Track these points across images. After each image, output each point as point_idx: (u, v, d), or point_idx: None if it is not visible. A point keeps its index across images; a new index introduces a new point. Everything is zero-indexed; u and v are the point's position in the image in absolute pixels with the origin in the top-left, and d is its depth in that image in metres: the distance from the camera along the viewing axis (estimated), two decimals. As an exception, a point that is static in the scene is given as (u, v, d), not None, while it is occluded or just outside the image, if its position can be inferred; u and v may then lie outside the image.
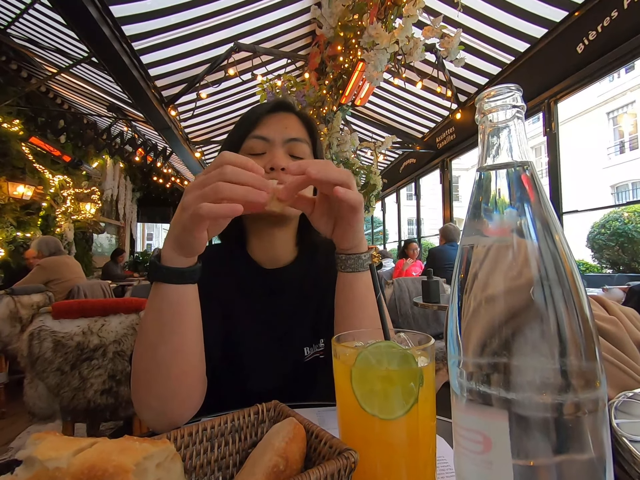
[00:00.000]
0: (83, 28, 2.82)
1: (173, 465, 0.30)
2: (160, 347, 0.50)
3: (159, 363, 0.50)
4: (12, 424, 2.50)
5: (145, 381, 0.52)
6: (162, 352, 0.50)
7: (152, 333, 0.51)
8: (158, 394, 0.51)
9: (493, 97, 0.29)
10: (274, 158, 0.67)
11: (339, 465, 0.30)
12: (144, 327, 0.52)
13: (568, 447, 0.25)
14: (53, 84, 5.22)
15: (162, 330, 0.50)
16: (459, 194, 20.32)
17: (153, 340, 0.51)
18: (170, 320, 0.50)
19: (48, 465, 0.25)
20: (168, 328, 0.50)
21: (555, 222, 0.27)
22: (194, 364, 0.53)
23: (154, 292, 0.51)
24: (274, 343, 0.71)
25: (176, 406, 0.52)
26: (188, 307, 0.51)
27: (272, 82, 2.98)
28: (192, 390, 0.54)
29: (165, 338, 0.50)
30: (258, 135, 0.69)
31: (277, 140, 0.69)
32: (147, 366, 0.51)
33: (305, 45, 4.58)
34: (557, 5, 3.07)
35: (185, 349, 0.52)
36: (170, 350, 0.50)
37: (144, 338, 0.52)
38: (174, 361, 0.51)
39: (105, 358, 1.37)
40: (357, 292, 0.58)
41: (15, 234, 4.80)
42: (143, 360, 0.52)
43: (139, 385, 0.53)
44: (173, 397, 0.52)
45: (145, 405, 0.53)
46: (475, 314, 0.28)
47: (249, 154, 0.69)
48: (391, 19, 2.15)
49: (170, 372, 0.51)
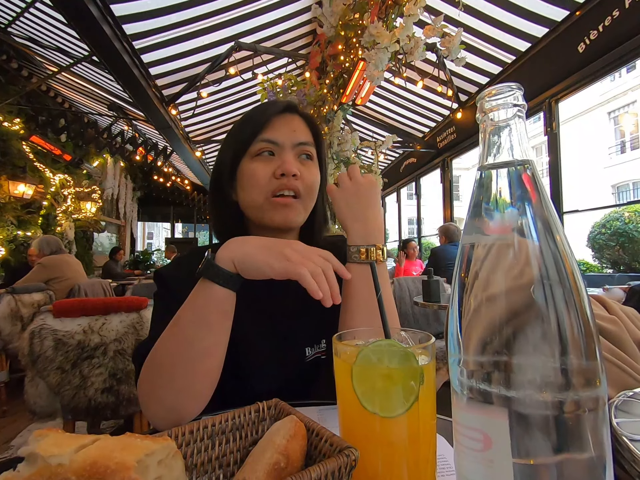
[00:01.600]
0: (84, 27, 2.82)
1: (174, 462, 0.30)
2: (196, 343, 0.51)
3: (189, 359, 0.51)
4: (13, 423, 2.51)
5: (168, 375, 0.52)
6: (196, 348, 0.51)
7: (191, 329, 0.51)
8: (178, 389, 0.51)
9: (494, 96, 0.29)
10: (285, 164, 0.66)
11: (339, 462, 0.30)
12: (182, 322, 0.52)
13: (568, 446, 0.25)
14: (54, 82, 5.22)
15: (202, 327, 0.51)
16: (460, 193, 20.30)
17: (190, 335, 0.51)
18: (211, 318, 0.51)
19: (50, 461, 0.25)
20: (207, 326, 0.51)
21: (556, 221, 0.27)
22: (218, 364, 0.54)
23: (201, 289, 0.52)
24: (276, 343, 0.71)
25: (191, 403, 0.53)
26: (228, 311, 0.53)
27: (273, 81, 2.98)
28: (209, 388, 0.54)
29: (202, 335, 0.51)
30: (268, 139, 0.68)
31: (287, 144, 0.69)
32: (176, 361, 0.51)
33: (306, 44, 4.57)
34: (559, 5, 3.06)
35: (217, 349, 0.53)
36: (204, 348, 0.51)
37: (179, 333, 0.52)
38: (204, 359, 0.52)
39: (106, 357, 1.37)
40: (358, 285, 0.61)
41: (16, 232, 4.81)
42: (172, 355, 0.52)
43: (156, 380, 0.52)
44: (191, 393, 0.52)
45: (157, 399, 0.53)
46: (476, 312, 0.28)
47: (258, 155, 0.69)
48: (392, 18, 2.15)
49: (197, 370, 0.51)
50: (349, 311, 0.63)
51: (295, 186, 0.67)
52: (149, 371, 0.54)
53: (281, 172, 0.66)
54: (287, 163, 0.66)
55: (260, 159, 0.68)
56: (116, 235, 8.70)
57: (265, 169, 0.67)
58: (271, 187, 0.67)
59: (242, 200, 0.71)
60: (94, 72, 4.26)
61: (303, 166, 0.70)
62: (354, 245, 0.64)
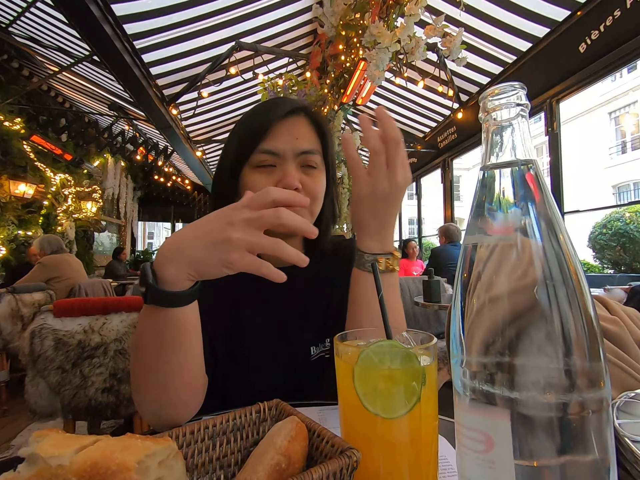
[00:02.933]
0: (85, 26, 2.82)
1: (175, 463, 0.30)
2: (162, 366, 0.47)
3: (159, 379, 0.48)
4: (13, 422, 2.51)
5: (150, 391, 0.50)
6: (164, 370, 0.48)
7: (151, 355, 0.47)
8: (158, 400, 0.50)
9: (497, 95, 0.29)
10: (287, 177, 0.63)
11: (341, 464, 0.30)
12: (142, 347, 0.48)
13: (571, 448, 0.24)
14: (54, 82, 5.23)
15: (163, 351, 0.47)
16: (460, 193, 20.32)
17: (152, 360, 0.48)
18: (172, 341, 0.47)
19: (51, 462, 0.25)
20: (169, 349, 0.47)
21: (559, 221, 0.27)
22: (195, 375, 0.52)
23: (150, 314, 0.45)
24: (281, 342, 0.70)
25: (174, 413, 0.51)
26: (190, 325, 0.47)
27: (274, 81, 2.98)
28: (195, 397, 0.53)
29: (167, 358, 0.47)
30: (268, 150, 0.64)
31: (289, 154, 0.65)
32: (150, 382, 0.49)
33: (307, 44, 4.57)
34: (560, 5, 3.06)
35: (187, 365, 0.49)
36: (173, 368, 0.48)
37: (142, 358, 0.48)
38: (176, 377, 0.49)
39: (106, 356, 1.37)
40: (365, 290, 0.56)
41: (17, 232, 4.81)
42: (145, 377, 0.49)
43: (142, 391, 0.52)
44: (172, 405, 0.51)
45: (146, 408, 0.52)
46: (479, 313, 0.28)
47: (259, 166, 0.66)
48: (393, 17, 2.14)
49: (171, 386, 0.49)
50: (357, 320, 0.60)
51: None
52: (132, 384, 0.52)
53: (282, 186, 0.63)
54: (288, 177, 0.63)
55: (261, 170, 0.66)
56: (117, 235, 8.70)
57: (266, 182, 0.64)
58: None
59: None
60: (95, 71, 4.26)
61: (307, 176, 0.66)
62: (371, 253, 0.57)
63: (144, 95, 3.80)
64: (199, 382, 0.53)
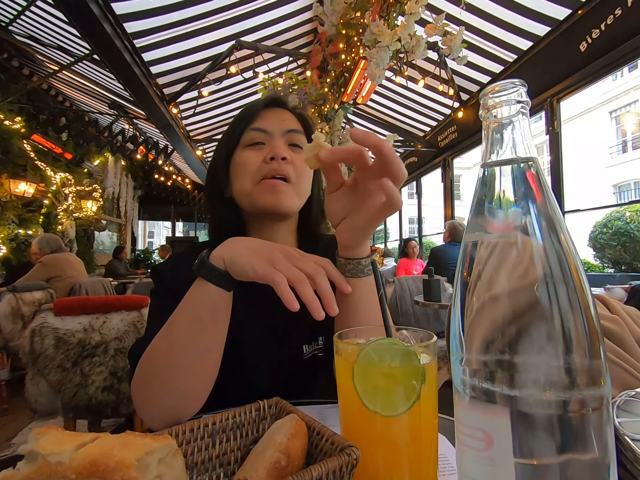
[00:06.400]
0: (85, 25, 2.82)
1: (175, 461, 0.30)
2: (190, 344, 0.50)
3: (184, 360, 0.50)
4: (14, 421, 2.51)
5: (163, 376, 0.51)
6: (191, 349, 0.50)
7: (185, 329, 0.50)
8: (173, 389, 0.51)
9: (497, 93, 0.29)
10: (275, 148, 0.68)
11: (340, 461, 0.30)
12: (177, 321, 0.51)
13: (571, 446, 0.24)
14: (55, 81, 5.22)
15: (196, 327, 0.50)
16: (461, 192, 20.30)
17: (184, 336, 0.50)
18: (205, 318, 0.50)
19: (50, 459, 0.25)
20: (201, 326, 0.50)
21: (560, 219, 0.27)
22: (214, 364, 0.53)
23: (195, 289, 0.51)
24: (273, 341, 0.70)
25: (187, 403, 0.52)
26: (225, 308, 0.52)
27: (274, 80, 2.98)
28: (206, 389, 0.54)
29: (197, 335, 0.50)
30: (257, 127, 0.71)
31: (277, 131, 0.71)
32: (171, 361, 0.50)
33: (307, 43, 4.56)
34: (561, 3, 3.05)
35: (212, 350, 0.52)
36: (199, 349, 0.50)
37: (173, 333, 0.51)
38: (199, 360, 0.51)
39: (106, 355, 1.37)
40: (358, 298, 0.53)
41: (17, 231, 4.81)
42: (167, 356, 0.51)
43: (151, 379, 0.52)
44: (187, 394, 0.51)
45: (152, 400, 0.52)
46: (479, 312, 0.27)
47: (249, 144, 0.70)
48: (393, 16, 2.14)
49: (193, 370, 0.51)
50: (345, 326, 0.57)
51: (286, 170, 0.67)
52: (144, 371, 0.53)
53: (271, 155, 0.67)
54: (276, 147, 0.68)
55: (251, 148, 0.70)
56: (117, 234, 8.70)
57: (256, 156, 0.69)
58: (262, 172, 0.68)
59: (236, 190, 0.72)
60: (95, 70, 4.26)
61: (295, 153, 0.71)
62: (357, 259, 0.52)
63: (144, 94, 3.80)
64: (211, 375, 0.54)
